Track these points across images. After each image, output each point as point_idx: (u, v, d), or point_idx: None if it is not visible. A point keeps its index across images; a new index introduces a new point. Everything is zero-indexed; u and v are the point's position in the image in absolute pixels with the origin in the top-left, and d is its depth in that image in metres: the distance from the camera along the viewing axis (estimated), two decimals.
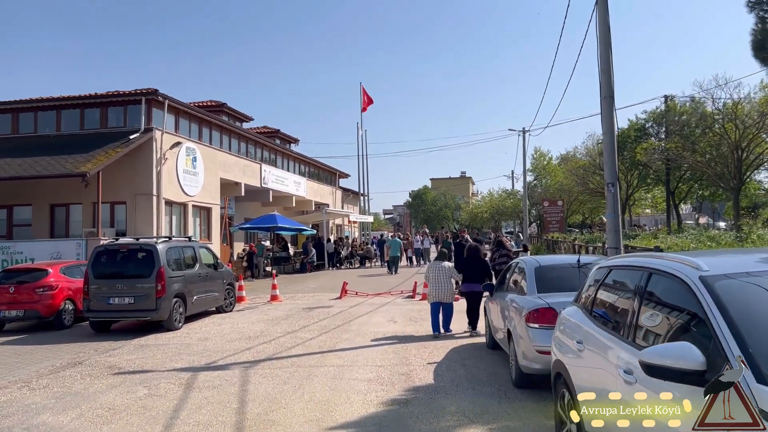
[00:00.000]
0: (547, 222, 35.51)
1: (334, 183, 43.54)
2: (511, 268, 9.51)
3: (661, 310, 3.74)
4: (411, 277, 23.52)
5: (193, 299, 14.10)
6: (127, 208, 21.90)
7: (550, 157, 55.98)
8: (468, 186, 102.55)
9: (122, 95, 22.07)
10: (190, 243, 14.87)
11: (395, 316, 14.16)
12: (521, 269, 8.67)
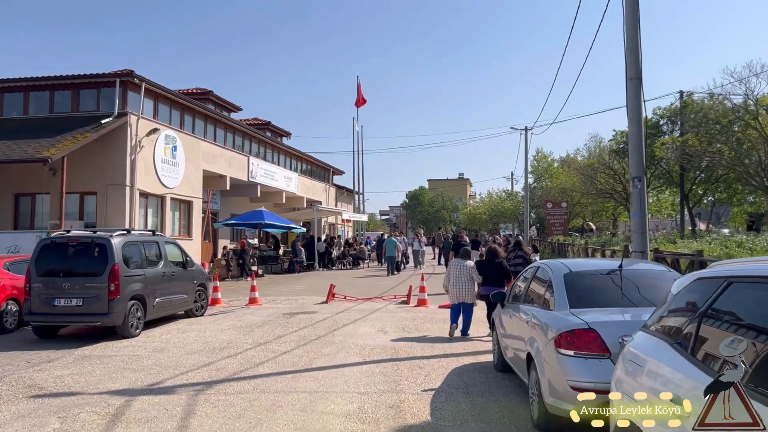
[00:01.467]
0: (550, 224, 33.78)
1: (328, 180, 41.73)
2: (529, 274, 7.71)
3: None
4: (405, 281, 21.74)
5: (155, 302, 12.29)
6: (98, 199, 20.07)
7: (551, 159, 54.27)
8: (466, 188, 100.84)
9: (95, 76, 20.25)
10: (154, 237, 13.05)
11: (386, 326, 12.37)
12: (544, 276, 6.85)
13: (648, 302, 5.74)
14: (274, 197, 32.25)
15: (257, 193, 29.60)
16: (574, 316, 5.54)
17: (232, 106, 30.52)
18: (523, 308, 7.02)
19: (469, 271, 11.32)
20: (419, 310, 14.67)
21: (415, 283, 18.74)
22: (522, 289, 7.62)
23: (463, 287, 11.19)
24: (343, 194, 43.71)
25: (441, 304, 15.42)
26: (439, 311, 14.49)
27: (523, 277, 8.01)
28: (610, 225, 53.54)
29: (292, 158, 35.95)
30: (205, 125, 25.74)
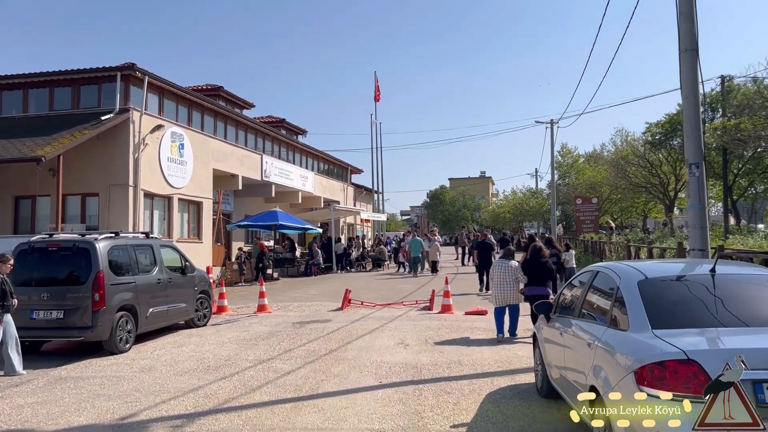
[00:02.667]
0: (580, 221, 32.02)
1: (346, 179, 40.37)
2: (583, 280, 6.20)
3: None
4: (427, 284, 20.28)
5: (149, 313, 11.00)
6: (100, 200, 18.91)
7: (577, 154, 52.34)
8: (488, 186, 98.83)
9: (95, 71, 19.07)
10: (148, 241, 11.76)
11: (407, 337, 10.94)
12: (607, 283, 5.32)
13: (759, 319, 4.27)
14: (289, 197, 30.98)
15: (272, 193, 28.33)
16: (662, 341, 4.03)
17: (244, 103, 29.30)
18: (579, 325, 5.54)
19: (514, 272, 10.88)
20: (444, 318, 13.22)
21: (439, 286, 17.30)
22: (574, 299, 6.13)
23: (508, 289, 10.82)
24: (362, 194, 42.33)
25: (468, 310, 13.98)
26: (465, 319, 13.04)
27: (573, 283, 6.52)
28: (638, 222, 51.53)
29: (308, 157, 34.66)
30: (215, 122, 24.52)
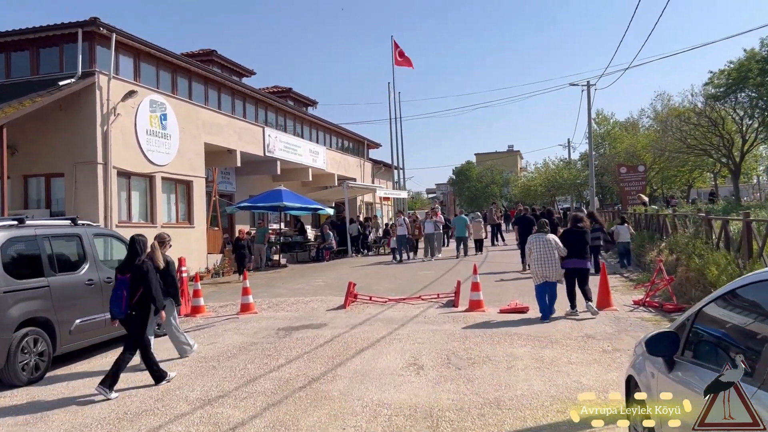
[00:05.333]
0: (625, 192, 28.51)
1: (362, 154, 37.16)
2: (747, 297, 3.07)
3: None
4: (450, 270, 17.23)
5: (74, 325, 8.15)
6: (66, 181, 16.17)
7: (614, 121, 48.34)
8: (516, 160, 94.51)
9: (53, 28, 16.18)
10: (75, 229, 8.84)
11: (422, 353, 7.92)
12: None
13: None
14: (298, 175, 28.00)
15: (277, 170, 25.35)
16: None
17: (243, 69, 26.22)
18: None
19: (554, 246, 10.04)
20: (472, 319, 10.16)
21: (464, 273, 14.24)
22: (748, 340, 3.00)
23: (550, 264, 9.97)
24: (381, 170, 39.15)
25: (503, 307, 10.90)
26: (501, 320, 9.97)
27: (733, 303, 3.36)
28: (681, 194, 47.61)
29: (319, 130, 31.53)
30: (205, 90, 21.55)
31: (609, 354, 7.60)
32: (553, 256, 10.00)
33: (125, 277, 6.98)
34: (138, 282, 6.91)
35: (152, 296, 6.94)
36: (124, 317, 7.02)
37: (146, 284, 6.90)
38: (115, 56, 16.84)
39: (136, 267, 6.97)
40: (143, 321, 7.01)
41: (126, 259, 7.22)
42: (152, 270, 7.06)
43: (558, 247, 10.07)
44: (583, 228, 10.38)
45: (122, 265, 7.17)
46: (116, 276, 7.16)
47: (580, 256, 10.11)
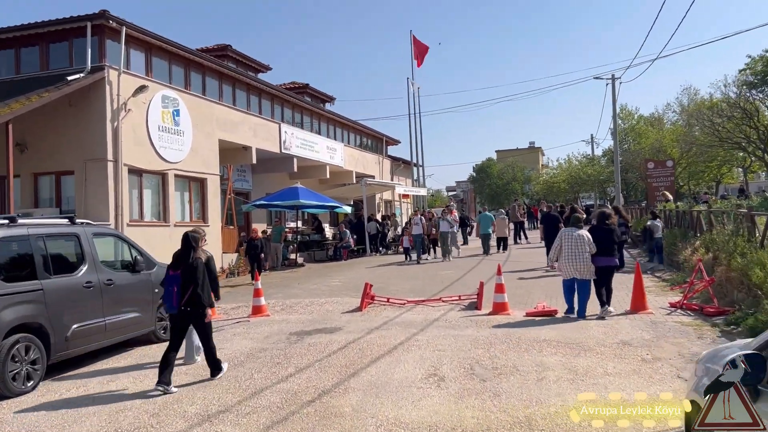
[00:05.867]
0: (653, 188, 27.52)
1: (381, 150, 36.46)
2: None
3: None
4: (472, 270, 16.55)
5: (71, 331, 7.63)
6: (76, 179, 15.76)
7: (639, 116, 47.12)
8: (537, 157, 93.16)
9: (62, 22, 15.74)
10: (73, 228, 8.32)
11: (443, 361, 7.27)
12: None
13: None
14: (316, 172, 27.42)
15: (293, 167, 24.81)
16: None
17: (258, 65, 25.68)
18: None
19: (585, 241, 9.69)
20: (496, 323, 9.49)
21: (487, 273, 13.58)
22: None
23: (580, 260, 9.64)
24: (400, 166, 38.44)
25: (530, 310, 10.21)
26: (527, 324, 9.28)
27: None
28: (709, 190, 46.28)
29: (337, 126, 30.92)
30: (220, 85, 21.06)
31: (649, 364, 6.90)
32: (584, 253, 9.66)
33: (176, 273, 6.95)
34: (190, 278, 6.90)
35: (198, 293, 6.90)
36: (177, 313, 6.97)
37: (195, 280, 6.89)
38: (126, 50, 16.40)
39: (188, 263, 6.96)
40: (198, 317, 6.99)
41: (178, 255, 7.14)
42: (202, 266, 7.02)
43: (590, 243, 9.70)
44: (610, 225, 10.04)
45: (174, 261, 7.11)
46: (167, 271, 7.08)
47: (608, 253, 9.80)
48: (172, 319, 7.18)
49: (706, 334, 8.30)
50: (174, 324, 7.14)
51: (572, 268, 9.69)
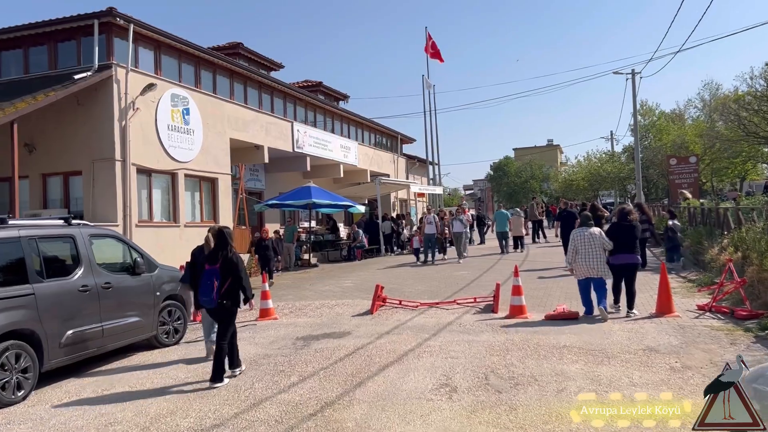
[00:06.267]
0: (675, 185, 26.77)
1: (396, 149, 35.99)
2: None
3: None
4: (488, 271, 16.05)
5: (65, 337, 7.29)
6: (84, 180, 15.52)
7: (661, 112, 46.13)
8: (556, 154, 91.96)
9: (69, 20, 15.51)
10: (68, 229, 7.96)
11: (456, 369, 6.81)
12: None
13: None
14: (330, 171, 27.06)
15: (307, 166, 24.47)
16: None
17: (270, 63, 25.34)
18: None
19: (599, 240, 9.45)
20: (513, 327, 8.99)
21: (503, 273, 13.11)
22: None
23: (596, 259, 9.38)
24: (415, 165, 37.96)
25: (549, 313, 9.69)
26: (546, 329, 8.78)
27: None
28: (733, 187, 45.22)
29: (351, 125, 30.52)
30: (231, 83, 20.75)
31: (679, 373, 6.38)
32: (598, 251, 9.42)
33: (214, 267, 7.02)
34: (228, 272, 6.99)
35: (242, 286, 7.10)
36: (216, 306, 7.06)
37: (236, 274, 7.01)
38: (134, 48, 16.13)
39: (225, 257, 7.03)
40: (234, 311, 7.17)
41: (214, 249, 7.13)
42: (241, 260, 7.18)
43: (603, 240, 9.48)
44: (632, 222, 9.77)
45: (209, 256, 7.13)
46: (204, 266, 7.12)
47: (629, 250, 9.53)
48: (209, 313, 7.40)
49: (739, 339, 7.75)
50: (212, 318, 7.38)
51: (586, 266, 9.44)
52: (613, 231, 9.78)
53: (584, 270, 9.47)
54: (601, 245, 9.46)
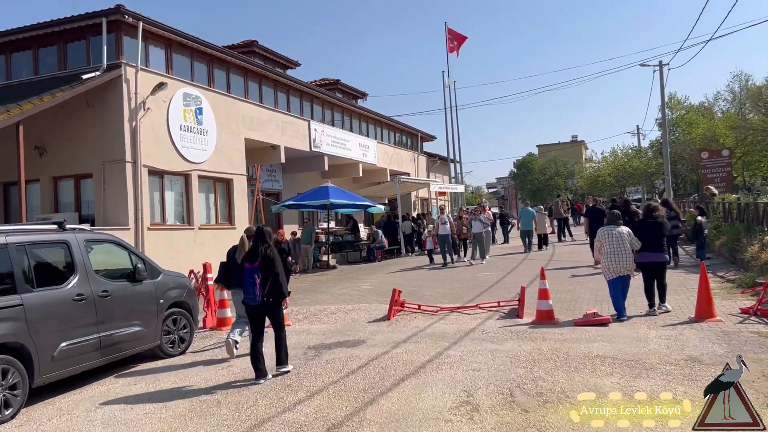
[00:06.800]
0: (707, 180, 25.75)
1: (416, 147, 35.32)
2: None
3: None
4: (512, 272, 15.37)
5: (58, 350, 6.82)
6: (95, 182, 15.16)
7: (690, 104, 44.78)
8: (580, 150, 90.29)
9: (77, 19, 15.14)
10: (60, 235, 7.48)
11: (478, 384, 6.18)
12: None
13: None
14: (348, 170, 26.52)
15: (324, 166, 23.96)
16: None
17: (287, 61, 24.87)
18: None
19: (628, 238, 9.17)
20: (540, 335, 8.32)
21: (528, 274, 12.44)
22: None
23: (624, 257, 9.09)
24: (436, 163, 37.27)
25: (578, 318, 9.01)
26: (576, 336, 8.10)
27: None
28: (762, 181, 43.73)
29: (369, 123, 29.92)
30: (245, 82, 20.30)
31: None
32: (627, 250, 9.10)
33: (254, 265, 7.12)
34: (269, 269, 7.11)
35: (279, 282, 7.17)
36: (260, 303, 7.12)
37: (273, 270, 7.11)
38: (145, 47, 15.76)
39: (264, 254, 7.13)
40: (279, 302, 7.28)
41: (253, 247, 7.23)
42: (278, 257, 7.29)
43: (632, 239, 9.18)
44: (658, 219, 9.50)
45: (249, 254, 7.23)
46: (244, 265, 7.21)
47: (656, 248, 9.23)
48: (251, 310, 7.27)
49: None
50: (253, 315, 7.28)
51: (615, 265, 9.06)
52: (638, 229, 9.46)
53: (614, 269, 9.08)
54: (630, 245, 9.11)
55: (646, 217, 9.72)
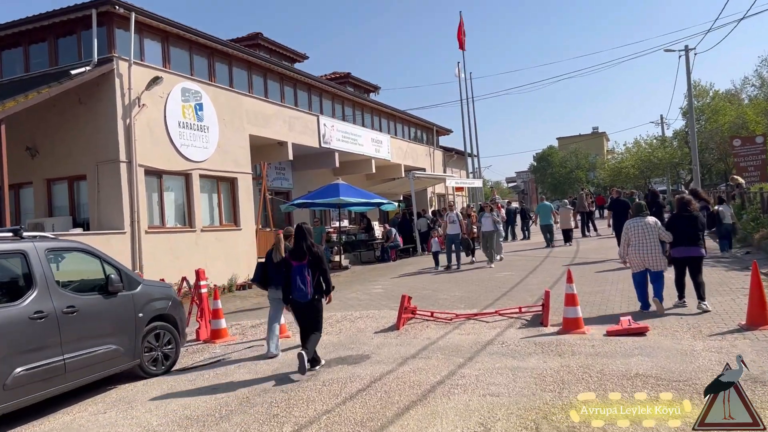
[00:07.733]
0: (740, 168, 24.34)
1: (432, 141, 34.19)
2: None
3: None
4: (534, 271, 14.28)
5: (10, 378, 5.93)
6: (88, 184, 14.36)
7: (716, 91, 43.11)
8: (602, 142, 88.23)
9: (66, 12, 14.35)
10: (16, 244, 6.54)
11: (496, 414, 5.16)
12: None
13: None
14: (361, 167, 25.53)
15: (335, 162, 23.00)
16: None
17: (293, 53, 23.90)
18: None
19: (655, 230, 8.77)
20: (568, 347, 7.25)
21: (552, 274, 11.37)
22: None
23: (651, 251, 8.72)
24: (453, 158, 36.11)
25: (611, 327, 7.92)
26: (609, 348, 7.01)
27: None
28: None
29: (382, 117, 28.87)
30: (249, 76, 19.39)
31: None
32: (655, 242, 8.80)
33: (302, 263, 7.16)
34: (316, 267, 7.19)
35: (327, 278, 7.32)
36: (309, 300, 7.18)
37: (322, 267, 7.26)
38: (139, 40, 14.96)
39: (311, 251, 7.18)
40: (320, 304, 7.37)
41: (298, 245, 7.30)
42: (324, 255, 7.39)
43: (660, 230, 8.88)
44: (692, 212, 9.08)
45: (295, 253, 7.26)
46: (290, 264, 7.25)
47: (691, 242, 8.79)
48: (300, 307, 7.24)
49: None
50: (300, 312, 7.28)
51: (640, 258, 8.81)
52: (672, 222, 9.15)
53: (639, 262, 8.84)
54: (657, 235, 8.80)
55: (680, 210, 9.16)
